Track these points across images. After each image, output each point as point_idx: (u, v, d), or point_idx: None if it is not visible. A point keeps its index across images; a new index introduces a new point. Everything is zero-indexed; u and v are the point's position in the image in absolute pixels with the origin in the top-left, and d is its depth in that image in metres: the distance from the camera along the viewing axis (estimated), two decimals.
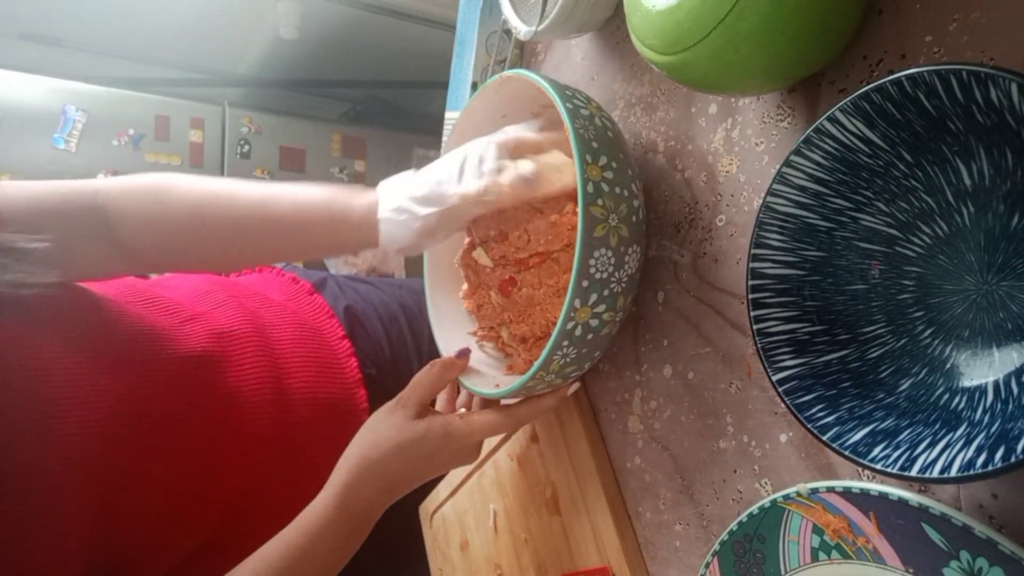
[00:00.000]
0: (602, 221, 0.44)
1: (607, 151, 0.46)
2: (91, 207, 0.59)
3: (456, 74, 0.75)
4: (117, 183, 0.60)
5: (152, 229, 0.59)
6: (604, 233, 0.45)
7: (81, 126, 2.10)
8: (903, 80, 0.29)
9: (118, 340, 0.57)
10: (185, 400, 0.60)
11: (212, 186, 0.58)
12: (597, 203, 0.44)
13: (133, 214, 0.59)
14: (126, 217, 0.59)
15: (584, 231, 0.44)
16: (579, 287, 0.44)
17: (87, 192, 0.59)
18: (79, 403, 0.53)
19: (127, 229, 0.59)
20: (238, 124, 2.34)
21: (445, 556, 0.76)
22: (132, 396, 0.56)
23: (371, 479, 0.53)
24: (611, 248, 0.45)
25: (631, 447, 0.53)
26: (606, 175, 0.45)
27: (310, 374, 0.70)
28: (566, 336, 0.46)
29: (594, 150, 0.46)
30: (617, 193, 0.46)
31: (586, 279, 0.45)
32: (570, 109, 0.46)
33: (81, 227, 0.58)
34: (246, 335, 0.67)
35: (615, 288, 0.46)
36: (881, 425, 0.32)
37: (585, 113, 0.47)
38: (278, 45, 2.46)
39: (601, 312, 0.46)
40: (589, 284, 0.45)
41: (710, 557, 0.41)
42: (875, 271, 0.36)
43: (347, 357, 0.74)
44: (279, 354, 0.69)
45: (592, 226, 0.44)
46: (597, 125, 0.47)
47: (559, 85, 0.48)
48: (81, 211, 0.59)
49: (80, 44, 2.37)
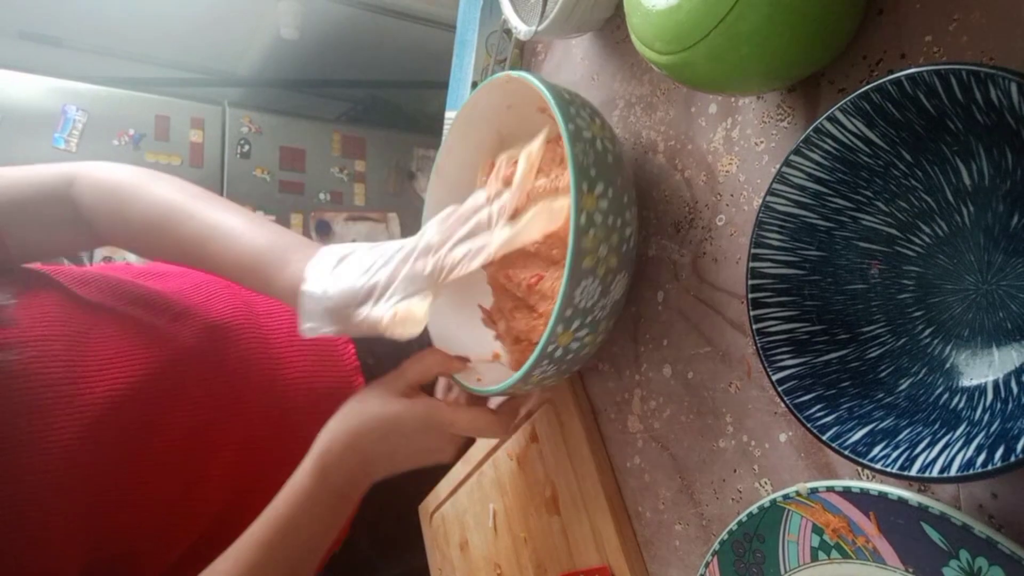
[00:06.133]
0: (591, 252, 0.44)
1: (605, 178, 0.45)
2: (64, 198, 0.63)
3: (456, 74, 0.75)
4: (90, 176, 0.63)
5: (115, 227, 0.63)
6: (592, 264, 0.45)
7: (81, 126, 2.10)
8: (903, 80, 0.29)
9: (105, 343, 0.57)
10: (177, 396, 0.60)
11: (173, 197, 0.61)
12: (588, 234, 0.44)
13: (102, 210, 0.63)
14: (95, 212, 0.63)
15: (572, 262, 0.43)
16: (562, 315, 0.45)
17: (61, 183, 0.63)
18: (66, 407, 0.52)
19: (95, 221, 0.63)
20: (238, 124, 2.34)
21: (445, 556, 0.76)
22: (122, 397, 0.56)
23: (346, 450, 0.53)
24: (598, 278, 0.45)
25: (631, 447, 0.53)
26: (601, 205, 0.44)
27: (306, 363, 0.70)
28: (546, 357, 0.47)
29: (591, 178, 0.44)
30: (610, 224, 0.45)
31: (570, 308, 0.45)
32: (572, 131, 0.45)
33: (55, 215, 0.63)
34: (240, 325, 0.67)
35: (598, 315, 0.47)
36: (881, 425, 0.32)
37: (587, 136, 0.45)
38: (278, 45, 2.46)
39: (583, 336, 0.47)
40: (573, 312, 0.45)
41: (710, 557, 0.41)
42: (875, 271, 0.36)
43: (344, 345, 0.74)
44: (274, 343, 0.69)
45: (581, 258, 0.44)
46: (598, 149, 0.46)
47: (563, 98, 0.47)
48: (56, 200, 0.63)
49: (80, 44, 2.37)
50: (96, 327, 0.58)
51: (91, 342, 0.56)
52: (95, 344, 0.56)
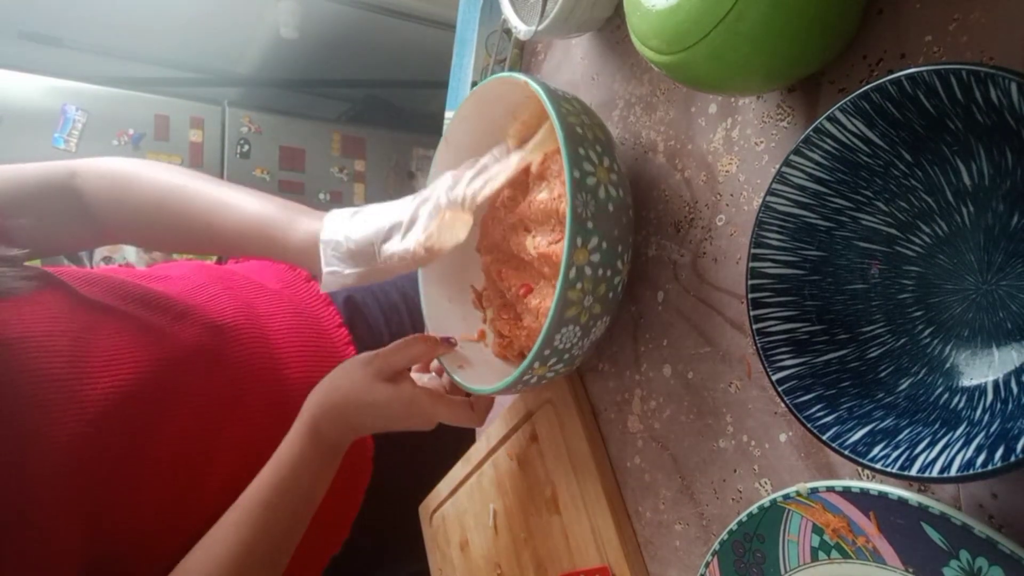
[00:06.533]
0: (576, 304, 0.45)
1: (601, 231, 0.45)
2: (68, 188, 0.64)
3: (456, 74, 0.75)
4: (92, 167, 0.65)
5: (120, 213, 0.64)
6: (576, 313, 0.46)
7: (81, 126, 2.10)
8: (903, 80, 0.29)
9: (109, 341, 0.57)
10: (178, 395, 0.60)
11: (175, 180, 0.63)
12: (576, 287, 0.44)
13: (105, 198, 0.64)
14: (99, 200, 0.64)
15: (556, 312, 0.44)
16: (540, 354, 0.46)
17: (63, 174, 0.64)
18: (69, 403, 0.52)
19: (99, 210, 0.64)
20: (238, 124, 2.34)
21: (445, 555, 0.76)
22: (125, 395, 0.56)
23: (336, 417, 0.57)
24: (580, 325, 0.46)
25: (631, 447, 0.53)
26: (593, 258, 0.45)
27: (307, 364, 0.70)
28: (520, 383, 0.49)
29: (587, 231, 0.44)
30: (599, 275, 0.45)
31: (549, 349, 0.46)
32: (575, 179, 0.44)
33: (59, 207, 0.64)
34: (241, 326, 0.67)
35: (575, 352, 0.49)
36: (881, 424, 0.32)
37: (591, 183, 0.44)
38: (278, 45, 2.46)
39: (559, 368, 0.49)
40: (551, 352, 0.47)
41: (710, 557, 0.41)
42: (875, 270, 0.36)
43: (345, 345, 0.74)
44: (275, 345, 0.69)
45: (565, 308, 0.45)
46: (600, 198, 0.45)
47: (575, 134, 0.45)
48: (59, 192, 0.64)
49: (80, 44, 2.37)
50: (100, 325, 0.58)
51: (95, 340, 0.56)
52: (99, 342, 0.56)
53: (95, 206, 0.64)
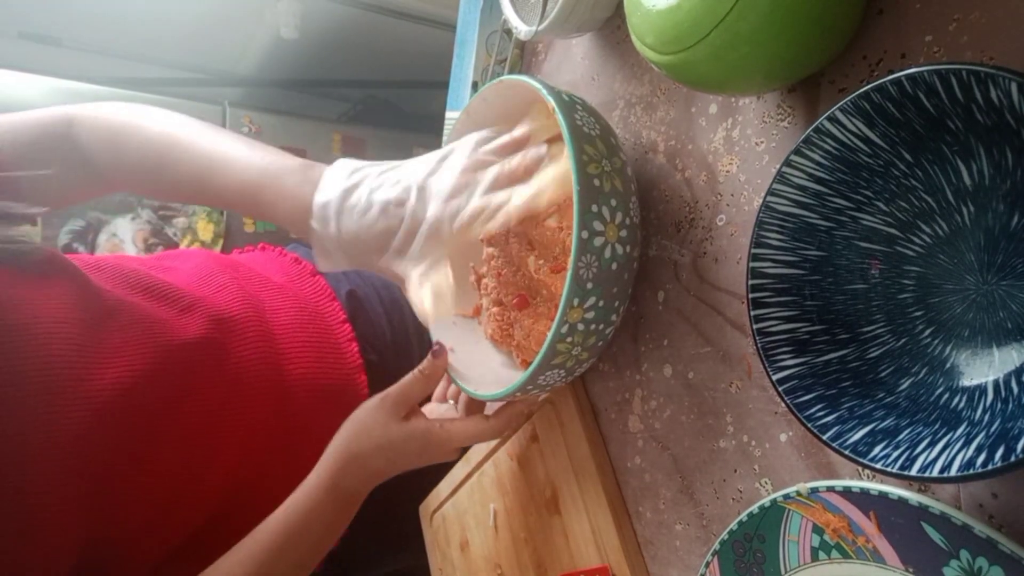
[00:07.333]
0: (564, 353, 0.46)
1: (599, 291, 0.44)
2: (66, 137, 0.64)
3: (456, 74, 0.75)
4: (90, 115, 0.64)
5: (118, 168, 0.63)
6: (562, 361, 0.47)
7: None
8: (903, 80, 0.29)
9: (117, 332, 0.57)
10: (183, 388, 0.60)
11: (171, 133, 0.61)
12: (567, 340, 0.45)
13: (103, 150, 0.63)
14: (97, 153, 0.63)
15: (544, 358, 0.45)
16: (523, 387, 0.48)
17: (60, 123, 0.64)
18: (75, 391, 0.52)
19: (98, 159, 0.63)
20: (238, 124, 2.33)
21: (445, 555, 0.76)
22: (131, 385, 0.56)
23: (355, 469, 0.56)
24: (565, 369, 0.48)
25: (631, 447, 0.53)
26: (587, 315, 0.45)
27: (310, 359, 0.70)
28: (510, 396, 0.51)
29: (585, 292, 0.43)
30: (591, 330, 0.46)
31: (532, 385, 0.48)
32: (583, 240, 0.42)
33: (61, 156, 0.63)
34: (246, 320, 0.67)
35: (557, 383, 0.50)
36: (881, 424, 0.32)
37: (597, 244, 0.43)
38: (278, 45, 2.46)
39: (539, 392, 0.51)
40: (533, 387, 0.48)
41: (710, 556, 0.41)
42: (875, 270, 0.36)
43: (348, 342, 0.75)
44: (279, 339, 0.69)
45: (552, 357, 0.45)
46: (605, 258, 0.44)
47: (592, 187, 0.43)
48: (58, 141, 0.63)
49: (80, 44, 2.37)
50: (109, 315, 0.58)
51: (104, 329, 0.56)
52: (107, 331, 0.56)
53: (94, 159, 0.63)
